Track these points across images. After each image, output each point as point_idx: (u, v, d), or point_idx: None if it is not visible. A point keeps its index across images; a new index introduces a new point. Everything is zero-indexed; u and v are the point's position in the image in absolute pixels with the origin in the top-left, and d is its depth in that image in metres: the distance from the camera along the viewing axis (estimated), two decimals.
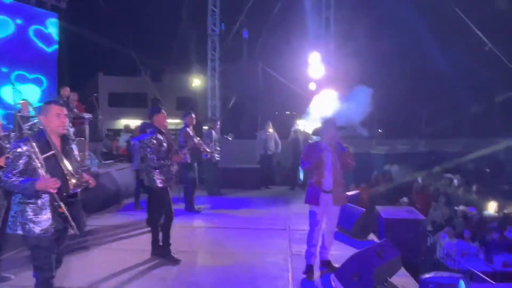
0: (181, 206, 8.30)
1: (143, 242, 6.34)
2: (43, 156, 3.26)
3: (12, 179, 3.19)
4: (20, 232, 3.29)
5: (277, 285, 4.72)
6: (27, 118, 8.17)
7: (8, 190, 3.48)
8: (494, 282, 7.05)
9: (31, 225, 3.25)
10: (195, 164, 8.27)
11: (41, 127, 3.49)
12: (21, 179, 3.19)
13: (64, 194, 3.32)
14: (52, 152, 3.31)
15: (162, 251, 5.48)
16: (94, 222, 7.56)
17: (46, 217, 3.28)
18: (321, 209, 4.94)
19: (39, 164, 3.22)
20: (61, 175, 3.30)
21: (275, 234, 6.89)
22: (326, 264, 5.19)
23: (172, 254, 5.47)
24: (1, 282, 4.58)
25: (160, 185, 5.32)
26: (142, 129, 7.57)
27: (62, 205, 3.27)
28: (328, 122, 5.13)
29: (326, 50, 13.13)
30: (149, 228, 6.83)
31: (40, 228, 3.26)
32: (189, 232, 6.96)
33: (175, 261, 5.37)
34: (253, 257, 5.69)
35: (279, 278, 4.92)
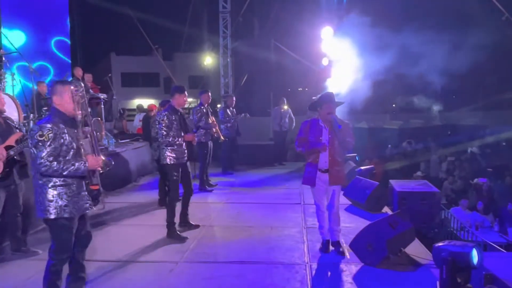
0: (197, 181, 8.47)
1: (161, 218, 6.52)
2: (84, 136, 3.31)
3: (58, 165, 3.11)
4: (61, 215, 3.24)
5: (293, 256, 4.85)
6: (45, 99, 8.33)
7: (49, 175, 3.22)
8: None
9: (71, 206, 3.27)
10: (210, 143, 8.32)
11: (56, 107, 3.37)
12: (73, 161, 3.15)
13: (100, 172, 3.40)
14: (90, 132, 3.40)
15: (177, 233, 5.52)
16: (113, 199, 7.78)
17: (81, 196, 3.36)
18: (319, 189, 4.81)
19: (80, 144, 3.27)
20: (93, 154, 3.39)
21: (290, 208, 7.02)
22: (335, 245, 4.94)
23: (190, 222, 5.80)
24: (30, 257, 4.81)
25: (169, 162, 5.41)
26: (161, 107, 7.69)
27: (99, 182, 3.36)
28: (326, 97, 4.80)
29: (339, 24, 12.95)
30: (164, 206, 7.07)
31: (79, 208, 3.32)
32: (204, 208, 7.11)
33: (196, 227, 5.76)
34: (269, 230, 5.83)
35: (295, 250, 5.05)
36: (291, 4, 15.56)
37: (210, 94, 8.18)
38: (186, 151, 5.57)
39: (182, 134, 5.50)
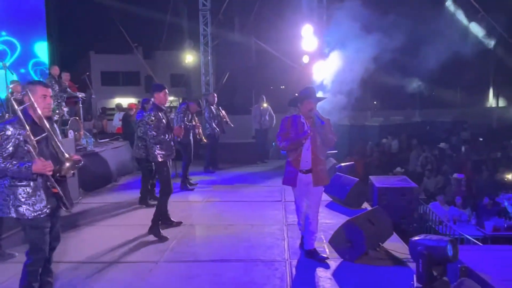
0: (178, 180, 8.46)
1: (141, 217, 6.48)
2: (36, 138, 3.20)
3: (5, 164, 3.12)
4: (13, 215, 3.27)
5: (274, 253, 4.86)
6: (19, 101, 8.14)
7: None
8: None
9: (25, 207, 3.24)
10: (191, 142, 8.33)
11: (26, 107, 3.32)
12: (14, 162, 3.13)
13: (58, 175, 3.31)
14: (46, 134, 3.31)
15: (159, 232, 5.56)
16: (92, 199, 7.67)
17: (39, 198, 3.28)
18: (300, 190, 4.52)
19: (32, 147, 3.18)
20: (53, 156, 3.30)
21: (271, 205, 7.03)
22: (312, 254, 4.61)
23: (172, 219, 5.88)
24: (6, 260, 4.70)
25: (160, 159, 5.53)
26: (142, 105, 7.74)
27: (56, 186, 3.29)
28: (306, 92, 4.54)
29: (319, 22, 13.01)
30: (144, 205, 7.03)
31: (34, 210, 3.26)
32: (186, 207, 7.07)
33: (178, 224, 5.85)
34: (250, 228, 5.83)
35: (275, 247, 5.07)
36: (271, 2, 15.54)
37: (197, 105, 8.33)
38: (173, 147, 5.71)
39: (169, 132, 5.59)
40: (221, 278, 4.24)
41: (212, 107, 9.71)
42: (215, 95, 10.09)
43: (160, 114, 5.49)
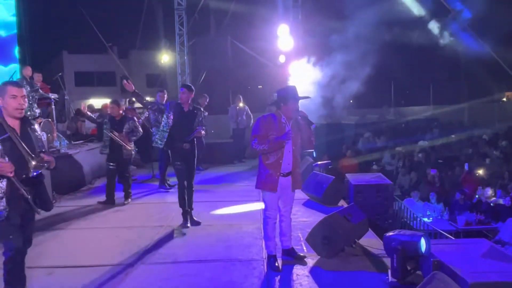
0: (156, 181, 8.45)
1: (115, 220, 6.42)
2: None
3: None
4: None
5: (252, 252, 4.88)
6: None
7: None
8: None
9: (2, 207, 3.13)
10: None
11: None
12: None
13: (24, 176, 3.23)
14: (7, 135, 3.23)
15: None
16: (66, 203, 7.53)
17: (16, 198, 3.18)
18: (277, 195, 4.30)
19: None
20: (19, 157, 3.21)
21: (249, 205, 7.05)
22: (289, 253, 4.61)
23: (193, 217, 5.96)
24: None
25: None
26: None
27: (21, 187, 3.21)
28: (292, 92, 4.26)
29: (295, 22, 13.09)
30: (120, 208, 7.06)
31: (11, 209, 3.16)
32: (163, 208, 7.01)
33: (197, 223, 5.92)
34: (228, 228, 5.84)
35: (253, 246, 5.09)
36: (247, 1, 15.55)
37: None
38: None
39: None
40: (199, 278, 4.23)
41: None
42: (207, 97, 10.02)
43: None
